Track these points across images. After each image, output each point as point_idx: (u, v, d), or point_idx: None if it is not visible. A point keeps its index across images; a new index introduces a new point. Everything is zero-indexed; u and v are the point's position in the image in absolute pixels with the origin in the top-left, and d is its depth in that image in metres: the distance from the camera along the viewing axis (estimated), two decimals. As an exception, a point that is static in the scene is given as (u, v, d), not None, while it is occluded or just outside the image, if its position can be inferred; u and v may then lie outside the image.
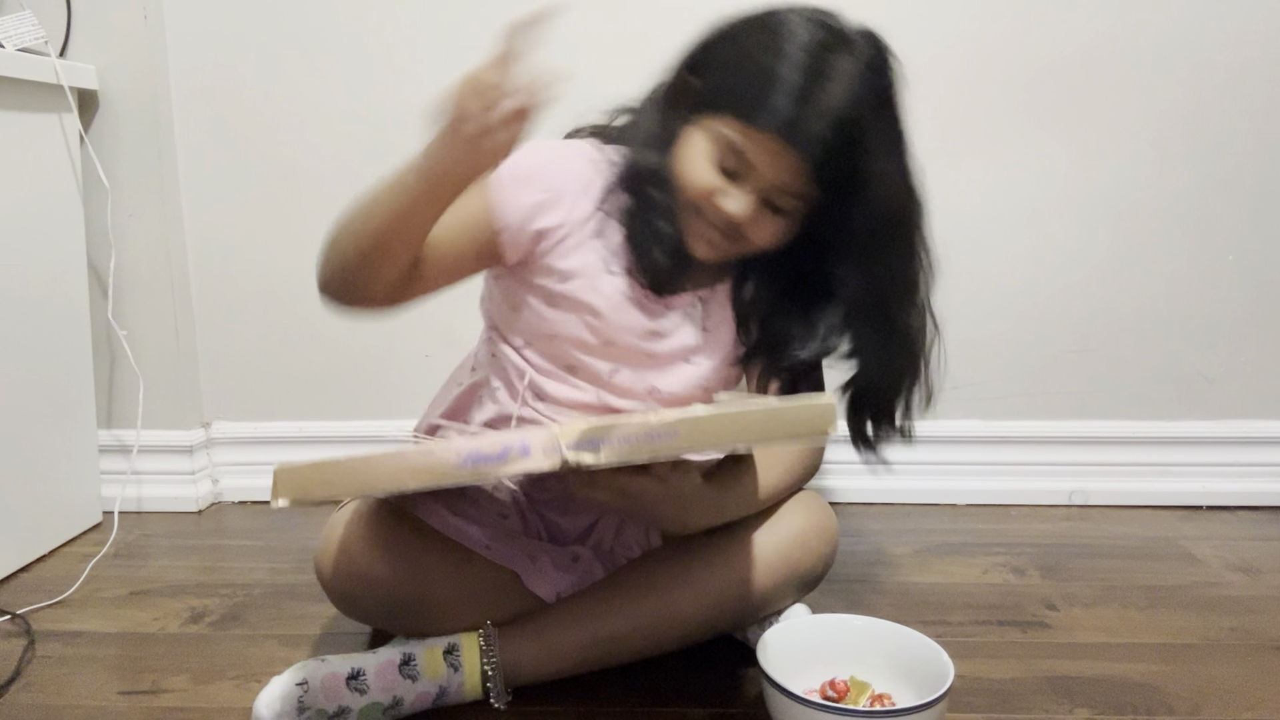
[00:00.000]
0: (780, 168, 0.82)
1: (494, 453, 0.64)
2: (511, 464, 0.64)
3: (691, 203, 0.86)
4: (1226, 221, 1.41)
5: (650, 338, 0.93)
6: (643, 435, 0.64)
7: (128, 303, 1.44)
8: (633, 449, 0.65)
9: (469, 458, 0.63)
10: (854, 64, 0.82)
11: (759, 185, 0.84)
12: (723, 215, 0.85)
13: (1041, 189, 1.42)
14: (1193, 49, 1.37)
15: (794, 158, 0.81)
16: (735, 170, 0.84)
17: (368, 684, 0.84)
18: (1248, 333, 1.44)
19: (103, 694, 0.95)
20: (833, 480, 1.44)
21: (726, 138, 0.82)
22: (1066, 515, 1.44)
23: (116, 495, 1.43)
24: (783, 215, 0.86)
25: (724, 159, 0.84)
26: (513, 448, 0.64)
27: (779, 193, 0.84)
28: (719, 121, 0.83)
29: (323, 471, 0.63)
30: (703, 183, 0.85)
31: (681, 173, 0.86)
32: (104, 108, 1.39)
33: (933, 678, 0.79)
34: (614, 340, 0.92)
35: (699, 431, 0.65)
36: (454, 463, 0.64)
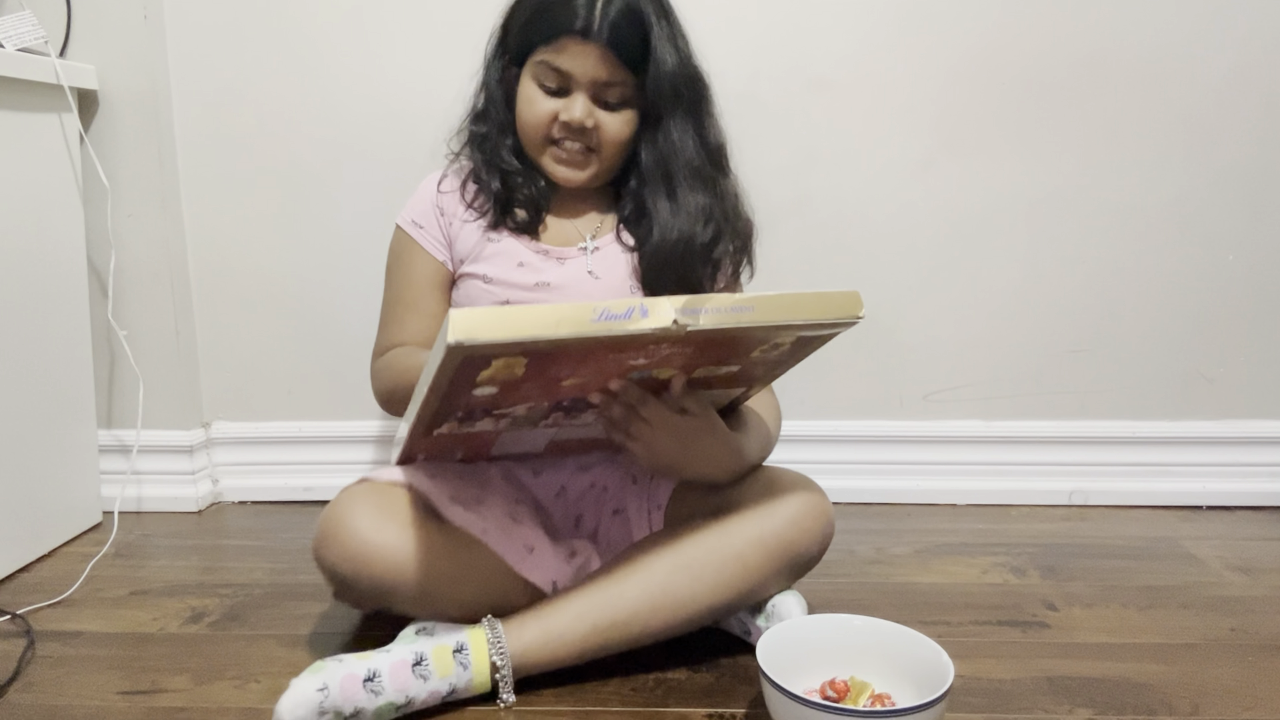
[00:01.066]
0: (592, 63, 0.99)
1: (621, 311, 0.74)
2: (634, 323, 0.74)
3: (542, 138, 1.04)
4: (1226, 222, 1.41)
5: (539, 290, 1.06)
6: (730, 306, 0.77)
7: (128, 303, 1.44)
8: (723, 317, 0.77)
9: (602, 314, 0.73)
10: None
11: (582, 87, 1.01)
12: (569, 127, 1.02)
13: (1041, 189, 1.42)
14: (1193, 49, 1.37)
15: (598, 49, 0.98)
16: (559, 87, 1.02)
17: (383, 685, 0.84)
18: (1248, 333, 1.44)
19: (103, 694, 0.95)
20: (833, 480, 1.43)
21: (542, 64, 1.01)
22: (1066, 515, 1.44)
23: (116, 495, 1.43)
24: (617, 109, 1.03)
25: (547, 82, 1.02)
26: (635, 309, 0.74)
27: (602, 87, 1.01)
28: (533, 58, 1.02)
29: (491, 315, 0.71)
30: (540, 112, 1.03)
31: (522, 116, 1.05)
32: (104, 108, 1.39)
33: (933, 678, 0.79)
34: (509, 299, 1.06)
35: (769, 306, 0.78)
36: (590, 318, 0.73)
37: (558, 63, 1.00)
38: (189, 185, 1.47)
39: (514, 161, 1.08)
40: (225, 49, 1.42)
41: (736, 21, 1.38)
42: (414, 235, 1.10)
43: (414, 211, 1.11)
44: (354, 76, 1.42)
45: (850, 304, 0.82)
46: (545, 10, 0.99)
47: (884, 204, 1.43)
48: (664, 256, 1.05)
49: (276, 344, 1.51)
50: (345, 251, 1.47)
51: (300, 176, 1.45)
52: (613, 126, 1.04)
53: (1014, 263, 1.44)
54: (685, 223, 1.04)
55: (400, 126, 1.42)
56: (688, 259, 1.05)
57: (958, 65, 1.39)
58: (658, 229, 1.05)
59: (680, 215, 1.05)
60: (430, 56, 1.40)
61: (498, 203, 1.07)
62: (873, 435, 1.49)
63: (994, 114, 1.40)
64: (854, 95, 1.40)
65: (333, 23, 1.41)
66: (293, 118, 1.44)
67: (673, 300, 0.76)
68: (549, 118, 1.03)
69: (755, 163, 1.16)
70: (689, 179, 1.05)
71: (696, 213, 1.05)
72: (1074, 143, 1.40)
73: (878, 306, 1.46)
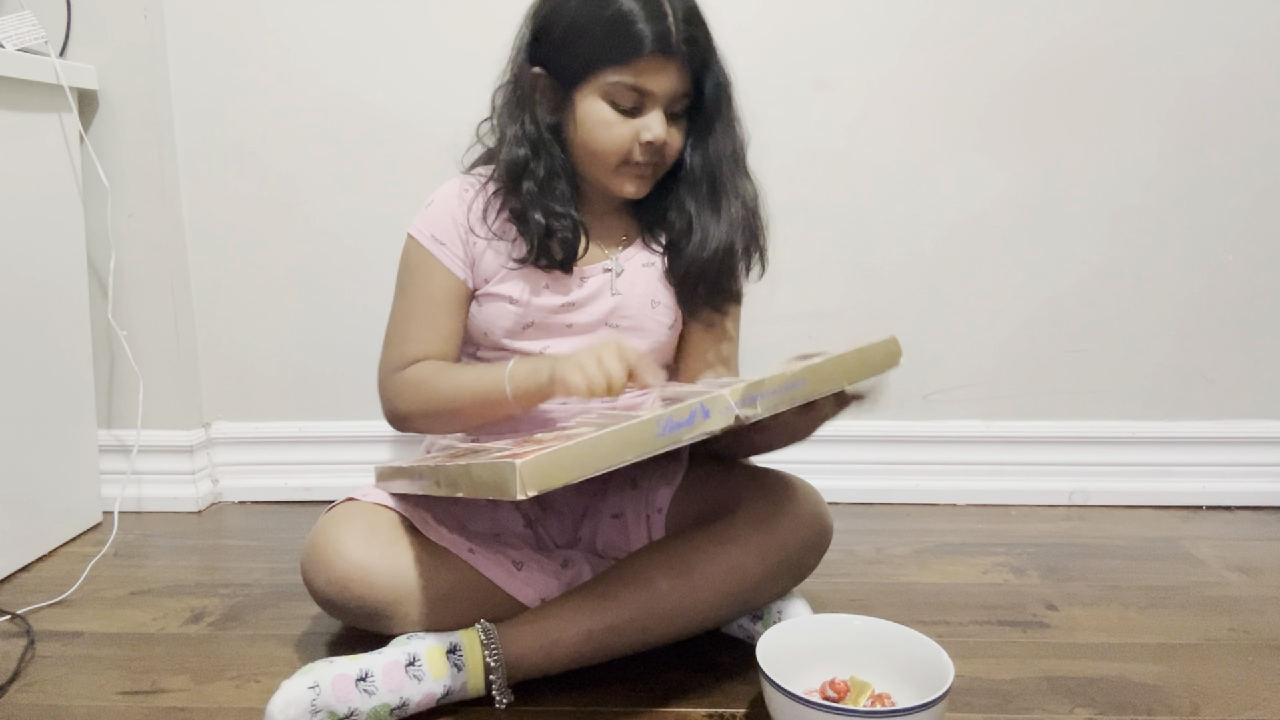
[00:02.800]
0: (668, 78, 0.96)
1: (684, 419, 0.74)
2: (697, 427, 0.74)
3: (620, 160, 0.99)
4: (1226, 222, 1.41)
5: (565, 311, 1.05)
6: (784, 386, 0.78)
7: (128, 303, 1.44)
8: (776, 400, 0.78)
9: (666, 426, 0.73)
10: None
11: (659, 103, 0.97)
12: (650, 146, 0.98)
13: (1042, 189, 1.42)
14: (1193, 49, 1.37)
15: (678, 63, 0.95)
16: (635, 105, 0.97)
17: (376, 685, 0.84)
18: (1248, 333, 1.44)
19: (103, 694, 0.95)
20: (833, 480, 1.44)
21: (615, 84, 0.95)
22: (1066, 515, 1.44)
23: (116, 495, 1.43)
24: (680, 119, 1.01)
25: (622, 102, 0.96)
26: (696, 413, 0.74)
27: (674, 100, 0.98)
28: (600, 79, 0.96)
29: (559, 458, 0.69)
30: (620, 135, 0.98)
31: (596, 140, 0.99)
32: (104, 108, 1.39)
33: (933, 678, 0.79)
34: (533, 320, 1.04)
35: (817, 378, 0.79)
36: (655, 433, 0.72)
37: (637, 82, 0.95)
38: (189, 185, 1.47)
39: (566, 208, 1.02)
40: (225, 49, 1.42)
41: (737, 21, 1.37)
42: (434, 251, 1.03)
43: (433, 226, 1.03)
44: (353, 76, 1.42)
45: (891, 353, 0.84)
46: (618, 30, 0.93)
47: (884, 204, 1.43)
48: (702, 266, 1.05)
49: (276, 344, 1.51)
50: (345, 251, 1.47)
51: (300, 176, 1.45)
52: (678, 138, 1.02)
53: (1014, 263, 1.44)
54: (726, 232, 1.04)
55: (400, 126, 1.42)
56: (726, 268, 1.06)
57: (958, 66, 1.39)
58: (699, 239, 1.04)
59: (723, 225, 1.04)
60: (430, 57, 1.40)
61: (533, 245, 1.02)
62: (873, 435, 1.49)
63: (994, 114, 1.40)
64: (854, 95, 1.40)
65: (332, 23, 1.41)
66: (292, 117, 1.44)
67: (731, 392, 0.76)
68: (630, 139, 0.97)
69: (755, 163, 1.16)
70: (730, 185, 1.04)
71: (737, 221, 1.04)
72: (1074, 143, 1.40)
73: (878, 306, 1.46)
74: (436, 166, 1.16)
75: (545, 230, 1.01)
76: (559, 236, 1.01)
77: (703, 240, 1.04)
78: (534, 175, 1.00)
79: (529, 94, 1.00)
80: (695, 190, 1.05)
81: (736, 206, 1.04)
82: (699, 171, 1.04)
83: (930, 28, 1.38)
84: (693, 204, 1.05)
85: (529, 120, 1.00)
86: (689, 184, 1.05)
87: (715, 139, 1.03)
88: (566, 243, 1.02)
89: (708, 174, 1.04)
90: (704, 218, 1.04)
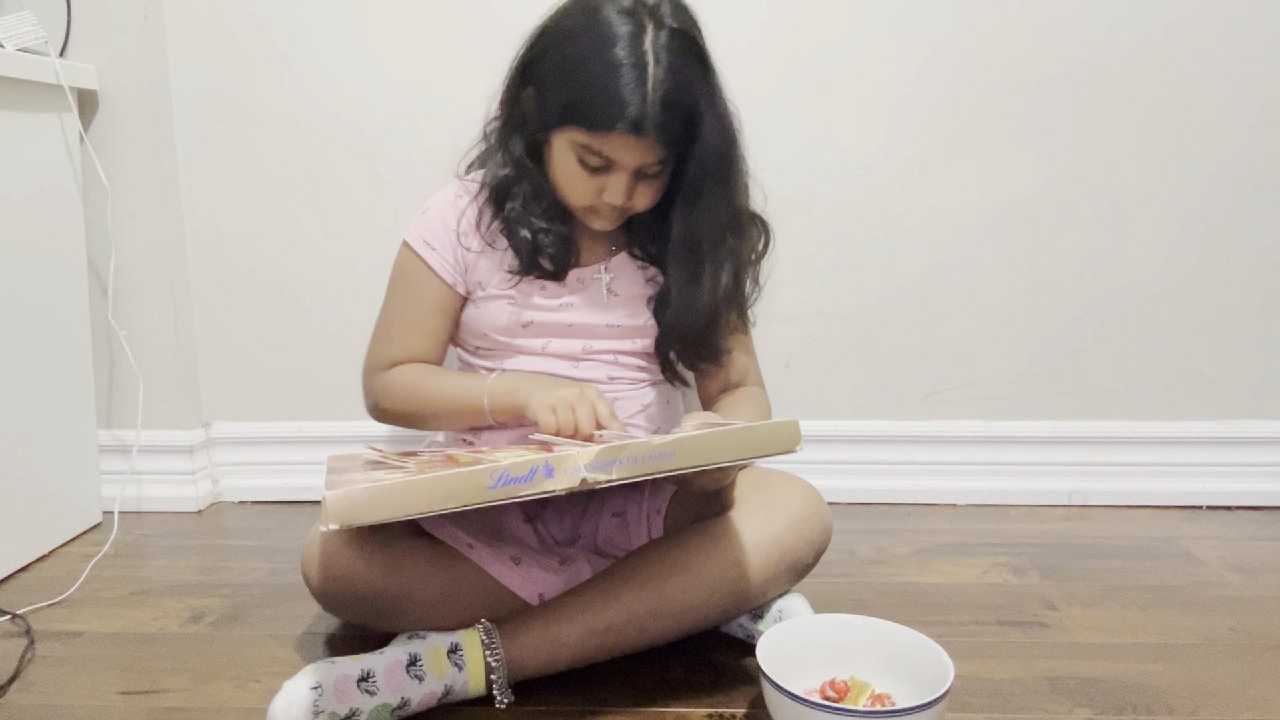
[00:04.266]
0: (637, 153, 0.94)
1: (522, 475, 0.70)
2: (536, 484, 0.71)
3: (583, 208, 1.01)
4: (1227, 222, 1.41)
5: (564, 310, 1.06)
6: (647, 454, 0.73)
7: (128, 303, 1.44)
8: (637, 467, 0.73)
9: (500, 479, 0.70)
10: (668, 36, 0.92)
11: (626, 170, 0.96)
12: (609, 207, 0.98)
13: (1042, 189, 1.42)
14: (1193, 49, 1.37)
15: (647, 142, 0.93)
16: (600, 166, 0.96)
17: (378, 685, 0.84)
18: (1248, 333, 1.44)
19: (103, 694, 0.95)
20: (833, 480, 1.44)
21: (583, 145, 0.94)
22: (1066, 515, 1.44)
23: (116, 495, 1.43)
24: (654, 179, 0.99)
25: (589, 161, 0.95)
26: (538, 469, 0.71)
27: (644, 168, 0.96)
28: (571, 133, 0.95)
29: (370, 496, 0.67)
30: (583, 190, 0.98)
31: (562, 187, 1.00)
32: (104, 108, 1.39)
33: (933, 678, 0.79)
34: (532, 320, 1.05)
35: (691, 449, 0.74)
36: (487, 484, 0.69)
37: (604, 150, 0.94)
38: (189, 186, 1.47)
39: (544, 217, 1.03)
40: (225, 49, 1.42)
41: (737, 22, 1.38)
42: (425, 256, 1.05)
43: (426, 232, 1.06)
44: (353, 77, 1.42)
45: (787, 437, 0.77)
46: (591, 98, 0.91)
47: (884, 204, 1.43)
48: (680, 334, 1.06)
49: (276, 344, 1.51)
50: (345, 251, 1.47)
51: (300, 176, 1.45)
52: (648, 194, 1.00)
53: (1014, 262, 1.44)
54: (707, 302, 1.03)
55: (400, 126, 1.42)
56: (704, 335, 1.06)
57: (958, 65, 1.39)
58: (678, 307, 1.04)
59: (704, 295, 1.03)
60: (431, 58, 1.40)
61: (523, 257, 1.04)
62: (873, 435, 1.49)
63: (994, 114, 1.40)
64: (854, 95, 1.40)
65: (332, 23, 1.41)
66: (292, 118, 1.44)
67: (584, 453, 0.72)
68: (592, 195, 0.98)
69: (755, 163, 1.16)
70: (716, 252, 1.03)
71: (717, 289, 1.03)
72: (1074, 143, 1.40)
73: (878, 306, 1.46)
74: (436, 168, 1.16)
75: (533, 246, 1.02)
76: (547, 251, 1.03)
77: (681, 309, 1.04)
78: (518, 196, 1.02)
79: (519, 116, 1.02)
80: (679, 257, 1.03)
81: (722, 276, 1.03)
82: (681, 240, 1.02)
83: (930, 28, 1.38)
84: (675, 271, 1.04)
85: (516, 142, 1.02)
86: (674, 250, 1.03)
87: (703, 207, 1.01)
88: (555, 256, 1.03)
89: (691, 243, 1.02)
90: (685, 288, 1.03)
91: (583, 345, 1.07)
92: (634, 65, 0.90)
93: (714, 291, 1.03)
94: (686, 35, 0.93)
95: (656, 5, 0.93)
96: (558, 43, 0.95)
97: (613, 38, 0.90)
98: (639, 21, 0.91)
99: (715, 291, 1.03)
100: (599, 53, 0.91)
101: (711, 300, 1.03)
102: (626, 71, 0.90)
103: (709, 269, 1.03)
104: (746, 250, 1.07)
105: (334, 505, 0.66)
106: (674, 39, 0.92)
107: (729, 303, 1.05)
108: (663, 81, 0.90)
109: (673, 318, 1.05)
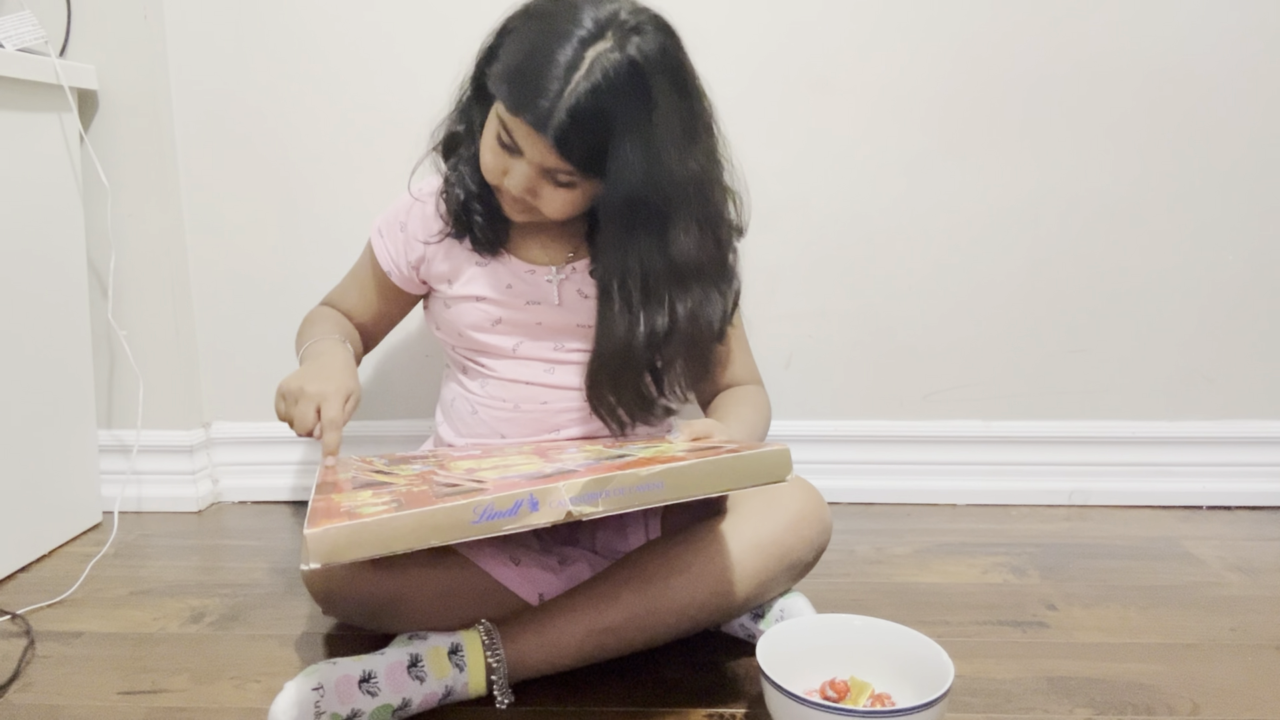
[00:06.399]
0: (538, 149, 0.92)
1: (506, 509, 0.69)
2: (521, 519, 0.70)
3: (491, 181, 0.99)
4: (1227, 221, 1.41)
5: (530, 308, 1.06)
6: (634, 486, 0.72)
7: (128, 303, 1.44)
8: (625, 499, 0.72)
9: (484, 514, 0.69)
10: (616, 60, 0.87)
11: (531, 164, 0.94)
12: (510, 194, 0.97)
13: (1041, 188, 1.42)
14: (1192, 48, 1.37)
15: (546, 144, 0.90)
16: (510, 145, 0.94)
17: (379, 686, 0.84)
18: (1248, 333, 1.44)
19: (103, 694, 0.95)
20: (833, 480, 1.44)
21: (500, 119, 0.94)
22: (1066, 515, 1.44)
23: (116, 495, 1.43)
24: (565, 187, 0.95)
25: (502, 136, 0.94)
26: (523, 503, 0.70)
27: (550, 170, 0.93)
28: (498, 103, 0.93)
29: (353, 534, 0.66)
30: (491, 163, 0.97)
31: (480, 155, 0.99)
32: (104, 108, 1.39)
33: (933, 678, 0.79)
34: (503, 318, 1.07)
35: (679, 481, 0.73)
36: (471, 519, 0.68)
37: (512, 133, 0.92)
38: (189, 185, 1.47)
39: (479, 190, 1.03)
40: (225, 49, 1.42)
41: (736, 22, 1.38)
42: (373, 241, 1.12)
43: (382, 220, 1.12)
44: (353, 76, 1.42)
45: (777, 466, 0.75)
46: (517, 77, 0.90)
47: (884, 204, 1.43)
48: (597, 368, 1.01)
49: (276, 344, 1.51)
50: (345, 251, 1.46)
51: (300, 176, 1.45)
52: (557, 201, 0.96)
53: (1014, 262, 1.44)
54: (624, 339, 0.98)
55: (401, 126, 1.42)
56: (625, 372, 1.00)
57: (958, 65, 1.39)
58: (596, 340, 1.01)
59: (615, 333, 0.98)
60: (432, 56, 1.40)
61: (458, 221, 1.06)
62: (873, 435, 1.49)
63: (994, 114, 1.40)
64: (854, 95, 1.40)
65: (333, 23, 1.41)
66: (293, 117, 1.44)
67: (568, 486, 0.71)
68: (498, 171, 0.97)
69: (755, 163, 1.16)
70: (635, 296, 0.97)
71: (635, 333, 0.98)
72: (1074, 142, 1.40)
73: (878, 306, 1.46)
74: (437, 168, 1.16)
75: (464, 208, 1.04)
76: (475, 217, 1.04)
77: (600, 343, 1.00)
78: (461, 158, 1.05)
79: (479, 82, 1.02)
80: (601, 286, 1.00)
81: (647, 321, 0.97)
82: (603, 270, 0.99)
83: (930, 28, 1.38)
84: (598, 299, 1.00)
85: (467, 108, 1.04)
86: (598, 275, 1.01)
87: (621, 244, 0.95)
88: (483, 225, 1.04)
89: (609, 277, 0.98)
90: (602, 319, 1.00)
91: (554, 345, 1.07)
92: (566, 67, 0.87)
93: (631, 331, 0.97)
94: (636, 68, 0.87)
95: (633, 28, 0.88)
96: (528, 19, 0.94)
97: (566, 34, 0.87)
98: (600, 32, 0.87)
99: (633, 332, 0.97)
100: (547, 41, 0.88)
101: (629, 338, 0.98)
102: (556, 69, 0.87)
103: (628, 308, 0.97)
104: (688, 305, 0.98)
105: (315, 544, 0.65)
106: (621, 66, 0.87)
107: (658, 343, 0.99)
108: (581, 96, 0.86)
109: (595, 351, 1.01)
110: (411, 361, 1.50)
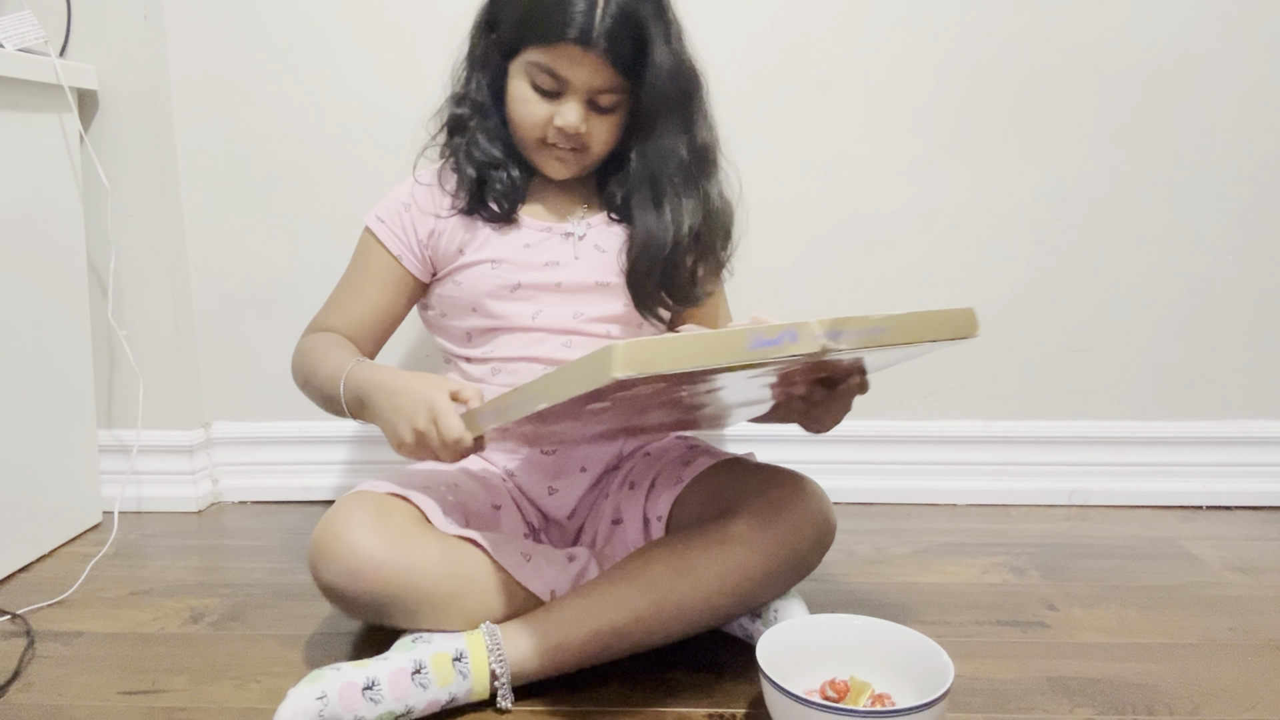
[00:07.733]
0: (588, 71, 0.97)
1: (772, 338, 0.72)
2: (785, 348, 0.73)
3: (536, 139, 1.03)
4: (1226, 221, 1.41)
5: (548, 268, 1.07)
6: (868, 329, 0.76)
7: (128, 303, 1.44)
8: (860, 339, 0.76)
9: (756, 341, 0.72)
10: None
11: (578, 93, 0.99)
12: (563, 133, 1.01)
13: (1041, 188, 1.42)
14: (1193, 49, 1.37)
15: (596, 57, 0.96)
16: (553, 89, 0.99)
17: (382, 693, 0.84)
18: (1248, 333, 1.44)
19: (103, 694, 0.95)
20: (833, 480, 1.43)
21: (536, 64, 0.98)
22: (1066, 515, 1.44)
23: (116, 495, 1.43)
24: (608, 113, 1.02)
25: (541, 84, 0.99)
26: (785, 335, 0.73)
27: (597, 93, 1.00)
28: (525, 56, 0.99)
29: (658, 348, 0.69)
30: (535, 115, 1.01)
31: (516, 116, 1.03)
32: (104, 108, 1.39)
33: (933, 678, 0.79)
34: (520, 281, 1.06)
35: (899, 327, 0.78)
36: (746, 345, 0.71)
37: (554, 67, 0.98)
38: (189, 185, 1.47)
39: (493, 151, 1.07)
40: (225, 49, 1.42)
41: (736, 22, 1.38)
42: (375, 230, 1.11)
43: (380, 209, 1.11)
44: (354, 77, 1.42)
45: (967, 323, 0.84)
46: (541, 12, 0.96)
47: (883, 204, 1.43)
48: (648, 263, 1.06)
49: (276, 344, 1.50)
50: (345, 251, 1.46)
51: (300, 176, 1.45)
52: (603, 130, 1.04)
53: (1014, 262, 1.44)
54: (669, 231, 1.04)
55: (401, 126, 1.42)
56: (671, 264, 1.06)
57: (957, 65, 1.39)
58: (641, 236, 1.05)
59: (664, 224, 1.04)
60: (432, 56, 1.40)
61: (471, 195, 1.07)
62: (873, 435, 1.49)
63: (993, 114, 1.40)
64: (853, 95, 1.40)
65: (333, 24, 1.41)
66: (293, 117, 1.44)
67: (821, 322, 0.75)
68: (544, 121, 1.02)
69: (755, 162, 1.16)
70: (675, 185, 1.04)
71: (681, 220, 1.04)
72: (1073, 142, 1.40)
73: (878, 306, 1.46)
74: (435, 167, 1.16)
75: (478, 181, 1.06)
76: (494, 188, 1.06)
77: (645, 238, 1.05)
78: (470, 133, 1.06)
79: (478, 56, 1.06)
80: (637, 189, 1.05)
81: (683, 206, 1.04)
82: (639, 174, 1.05)
83: (930, 28, 1.38)
84: (635, 201, 1.05)
85: (474, 83, 1.07)
86: (634, 186, 1.06)
87: (657, 140, 1.03)
88: (501, 195, 1.06)
89: (649, 176, 1.04)
90: (645, 217, 1.05)
91: (573, 313, 1.07)
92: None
93: (677, 220, 1.04)
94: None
95: None
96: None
97: None
98: None
99: (679, 220, 1.04)
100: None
101: (676, 227, 1.04)
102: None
103: (670, 199, 1.04)
104: (714, 190, 1.07)
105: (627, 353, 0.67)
106: None
107: (696, 237, 1.06)
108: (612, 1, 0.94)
109: (639, 248, 1.05)
110: (409, 361, 1.50)
